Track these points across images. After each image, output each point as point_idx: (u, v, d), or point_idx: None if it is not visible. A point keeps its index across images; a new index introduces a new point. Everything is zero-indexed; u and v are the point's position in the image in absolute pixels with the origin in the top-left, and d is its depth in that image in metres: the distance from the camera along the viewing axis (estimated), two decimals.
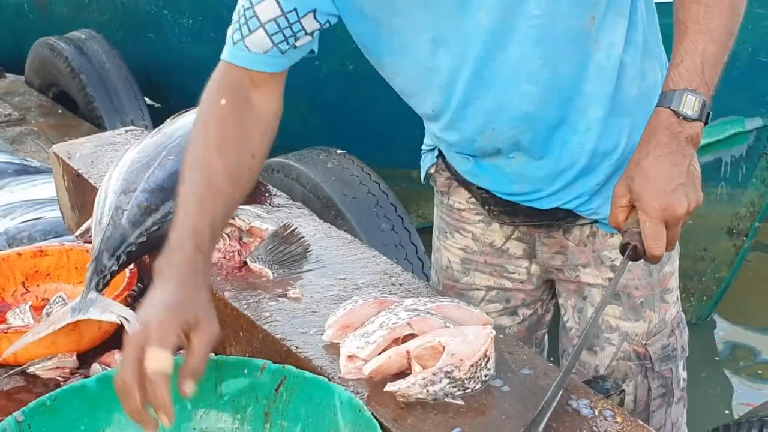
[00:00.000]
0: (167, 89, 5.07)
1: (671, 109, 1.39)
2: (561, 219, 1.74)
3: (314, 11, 1.48)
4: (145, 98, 5.02)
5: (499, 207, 1.78)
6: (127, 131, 2.32)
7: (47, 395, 1.34)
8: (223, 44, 1.55)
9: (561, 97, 1.55)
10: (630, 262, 1.44)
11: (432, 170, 1.90)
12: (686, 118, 1.38)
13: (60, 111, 4.93)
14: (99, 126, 4.58)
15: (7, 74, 5.59)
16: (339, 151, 3.70)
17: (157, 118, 4.41)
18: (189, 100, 2.22)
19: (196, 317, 1.28)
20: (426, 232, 3.78)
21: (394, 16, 1.50)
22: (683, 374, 1.88)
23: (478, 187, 1.78)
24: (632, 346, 1.79)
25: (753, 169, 3.87)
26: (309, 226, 1.84)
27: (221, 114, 1.51)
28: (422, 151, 1.92)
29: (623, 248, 1.41)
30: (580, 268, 1.79)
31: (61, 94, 5.06)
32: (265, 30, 1.49)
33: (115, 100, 4.74)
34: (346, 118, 4.38)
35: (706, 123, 1.40)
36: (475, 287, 1.90)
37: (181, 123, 1.90)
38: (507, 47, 1.48)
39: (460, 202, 1.87)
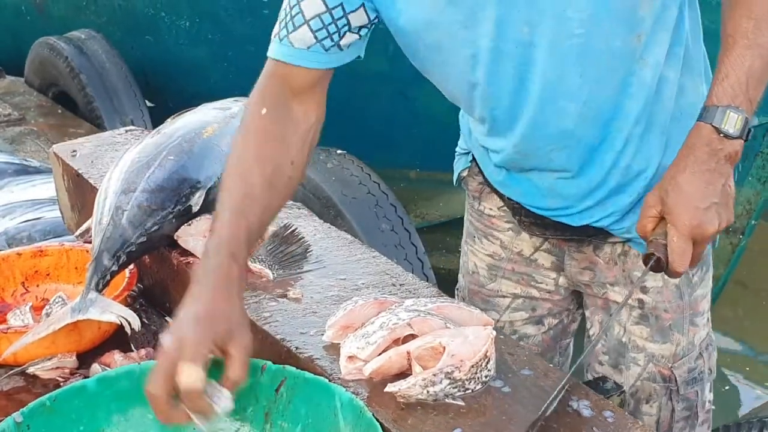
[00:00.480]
0: (165, 91, 5.08)
1: (713, 126, 1.37)
2: (591, 235, 1.71)
3: (363, 4, 1.48)
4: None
5: (530, 218, 1.76)
6: (126, 131, 2.32)
7: (47, 396, 1.34)
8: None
9: (602, 117, 1.52)
10: (659, 286, 1.46)
11: (465, 174, 1.88)
12: (727, 136, 1.36)
13: (60, 111, 4.93)
14: (99, 126, 4.57)
15: (6, 75, 5.59)
16: (339, 152, 3.70)
17: (156, 119, 4.41)
18: (187, 101, 2.22)
19: (229, 330, 1.30)
20: (424, 232, 3.79)
21: (431, 32, 1.49)
22: (709, 396, 1.83)
23: (509, 198, 1.76)
24: (658, 368, 1.75)
25: (749, 167, 3.88)
26: (309, 226, 1.84)
27: (261, 124, 1.51)
28: (456, 153, 1.90)
29: (647, 258, 1.40)
30: (608, 286, 1.76)
31: (61, 94, 5.06)
32: (309, 26, 1.48)
33: (114, 100, 4.74)
34: (347, 119, 4.38)
35: (746, 140, 1.38)
36: (501, 294, 1.89)
37: (181, 123, 1.90)
38: (546, 64, 1.46)
39: (490, 209, 1.85)
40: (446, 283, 2.03)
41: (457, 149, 1.90)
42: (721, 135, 1.36)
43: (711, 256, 1.77)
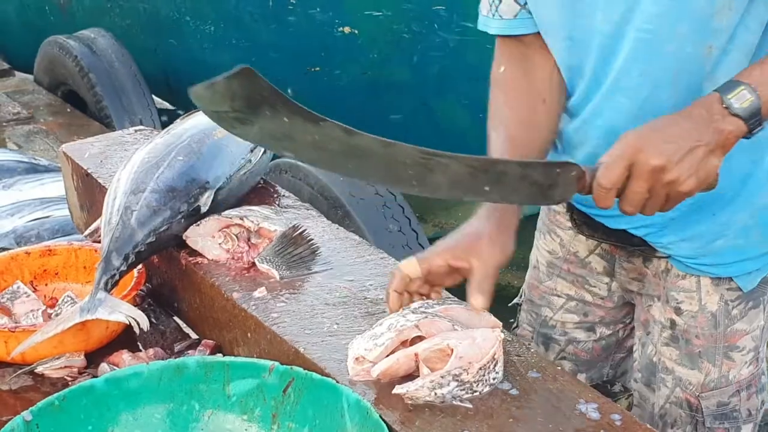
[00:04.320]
0: (187, 94, 5.09)
1: (720, 95, 1.31)
2: (638, 245, 1.67)
3: None
4: (166, 102, 4.98)
5: (582, 218, 1.74)
6: (136, 131, 2.32)
7: (55, 395, 1.35)
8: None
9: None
10: (694, 311, 1.54)
11: None
12: (729, 110, 1.29)
13: (69, 110, 4.94)
14: (107, 125, 4.58)
15: (16, 72, 5.60)
16: None
17: (171, 120, 4.42)
18: None
19: (471, 247, 1.45)
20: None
21: (536, 6, 1.53)
22: None
23: None
24: (685, 395, 1.70)
25: None
26: (317, 227, 1.84)
27: (502, 78, 1.62)
28: None
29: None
30: (655, 299, 1.71)
31: (70, 93, 5.07)
32: None
33: (123, 100, 4.74)
34: (359, 122, 4.38)
35: (750, 132, 1.31)
36: (556, 293, 1.87)
37: (191, 123, 1.91)
38: (613, 56, 1.44)
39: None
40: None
41: None
42: (724, 106, 1.30)
43: (766, 296, 1.67)
